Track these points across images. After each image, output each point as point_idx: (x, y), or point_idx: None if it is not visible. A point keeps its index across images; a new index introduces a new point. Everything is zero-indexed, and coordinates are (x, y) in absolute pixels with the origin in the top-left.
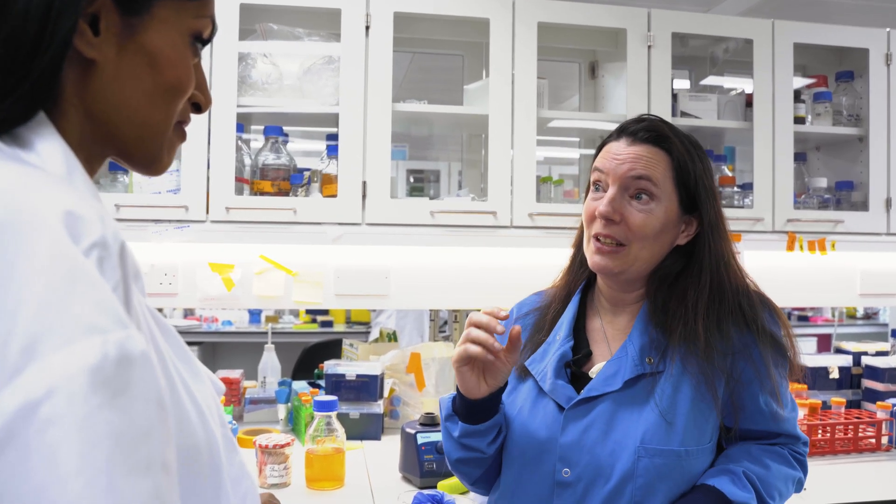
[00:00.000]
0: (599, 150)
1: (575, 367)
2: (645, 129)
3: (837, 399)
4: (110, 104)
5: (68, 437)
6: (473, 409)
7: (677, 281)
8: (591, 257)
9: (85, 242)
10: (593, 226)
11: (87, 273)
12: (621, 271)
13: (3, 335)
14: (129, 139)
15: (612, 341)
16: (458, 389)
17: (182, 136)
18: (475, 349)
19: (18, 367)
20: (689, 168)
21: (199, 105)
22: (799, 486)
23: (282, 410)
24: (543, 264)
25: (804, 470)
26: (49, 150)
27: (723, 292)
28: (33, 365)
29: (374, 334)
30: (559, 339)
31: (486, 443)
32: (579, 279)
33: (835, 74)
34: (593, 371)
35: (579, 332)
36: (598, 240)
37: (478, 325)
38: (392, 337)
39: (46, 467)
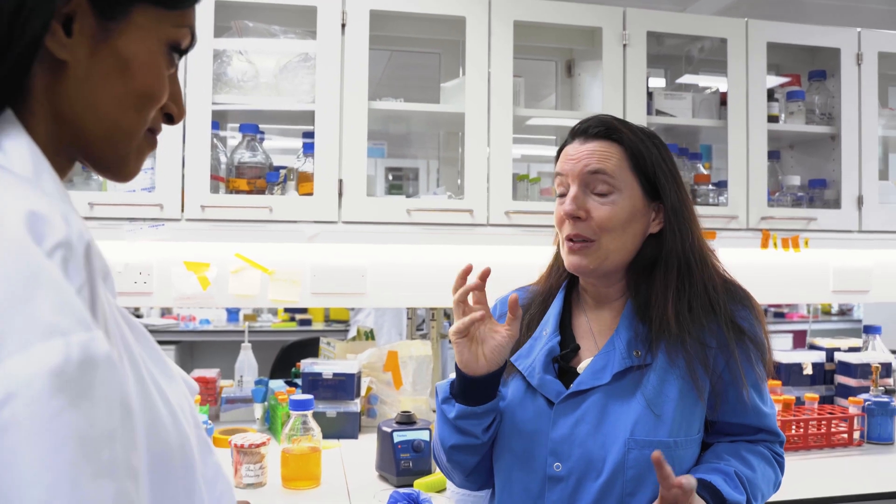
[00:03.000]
0: (557, 156)
1: (563, 362)
2: (594, 125)
3: (811, 395)
4: (79, 106)
5: (28, 440)
6: (472, 388)
7: (653, 270)
8: (567, 258)
9: (48, 243)
10: (564, 228)
11: (48, 274)
12: (596, 267)
13: None
14: (97, 142)
15: (599, 337)
16: (457, 368)
17: (153, 144)
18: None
19: None
20: (643, 154)
21: (172, 116)
22: (776, 488)
23: (258, 409)
24: (520, 262)
25: (782, 472)
26: (16, 148)
27: (691, 274)
28: None
29: (353, 332)
30: (546, 334)
31: (482, 428)
32: (562, 277)
33: (807, 73)
34: (581, 366)
35: (565, 328)
36: (570, 240)
37: (456, 290)
38: (369, 335)
39: (7, 472)
